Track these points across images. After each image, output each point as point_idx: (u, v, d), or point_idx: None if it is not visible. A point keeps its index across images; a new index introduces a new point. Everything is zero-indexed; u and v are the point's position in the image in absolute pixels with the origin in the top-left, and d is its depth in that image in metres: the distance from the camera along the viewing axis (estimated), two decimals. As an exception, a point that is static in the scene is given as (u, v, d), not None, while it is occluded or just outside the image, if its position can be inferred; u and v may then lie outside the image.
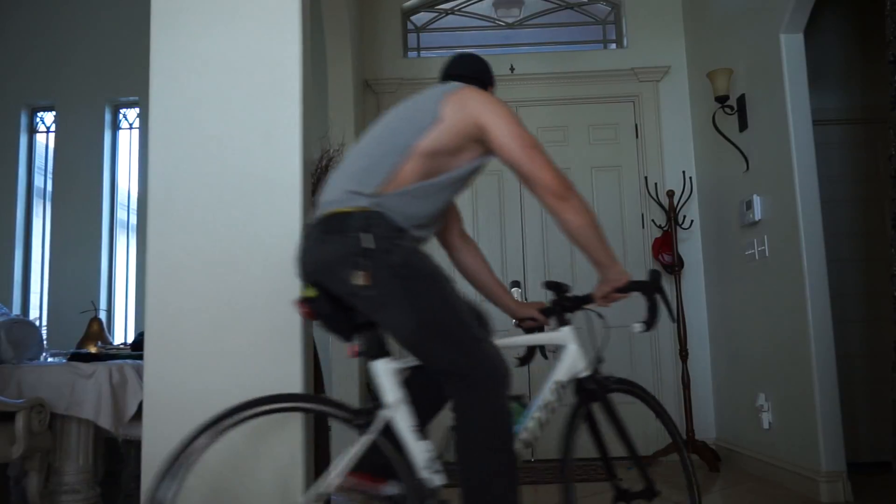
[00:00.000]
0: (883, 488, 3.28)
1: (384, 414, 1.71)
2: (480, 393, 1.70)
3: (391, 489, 1.74)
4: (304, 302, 1.74)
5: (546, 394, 1.99)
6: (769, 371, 3.62)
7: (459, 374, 1.70)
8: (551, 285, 2.17)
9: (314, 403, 1.75)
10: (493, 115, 1.81)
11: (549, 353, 2.14)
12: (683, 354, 4.22)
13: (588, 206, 1.85)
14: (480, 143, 1.84)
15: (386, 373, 1.75)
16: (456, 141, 1.81)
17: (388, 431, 1.71)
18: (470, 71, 2.14)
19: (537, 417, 1.97)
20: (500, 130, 1.80)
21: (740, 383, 3.99)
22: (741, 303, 3.94)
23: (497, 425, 1.69)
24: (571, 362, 2.03)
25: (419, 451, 1.73)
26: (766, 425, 3.63)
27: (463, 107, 1.83)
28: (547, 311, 2.15)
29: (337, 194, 1.76)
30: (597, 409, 2.11)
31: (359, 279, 1.65)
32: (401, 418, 1.73)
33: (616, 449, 2.33)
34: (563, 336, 2.06)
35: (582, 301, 2.13)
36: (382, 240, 1.67)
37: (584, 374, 2.05)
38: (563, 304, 2.13)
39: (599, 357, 2.11)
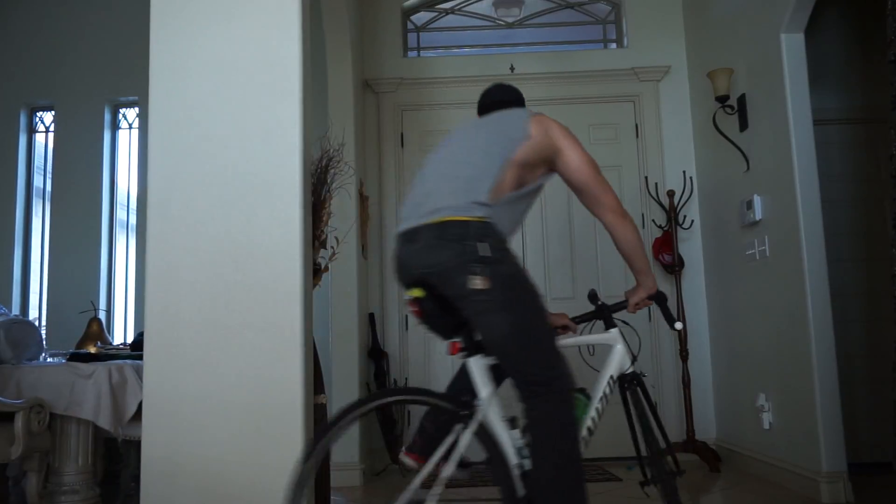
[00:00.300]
0: (883, 488, 3.28)
1: (481, 406, 1.90)
2: (559, 401, 1.89)
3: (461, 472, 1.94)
4: (415, 301, 1.96)
5: (604, 387, 2.28)
6: (769, 371, 3.62)
7: (544, 382, 1.89)
8: (592, 296, 2.47)
9: (432, 397, 1.93)
10: (568, 141, 2.14)
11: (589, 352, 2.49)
12: (683, 354, 4.22)
13: (636, 224, 2.16)
14: (549, 163, 2.13)
15: (481, 369, 1.98)
16: (537, 158, 2.08)
17: (483, 422, 1.90)
18: (515, 97, 2.40)
19: (597, 408, 2.25)
20: (575, 155, 2.13)
21: (740, 383, 3.99)
22: (741, 303, 3.94)
23: (570, 431, 1.89)
24: (620, 360, 2.31)
25: (511, 439, 1.95)
26: (766, 425, 3.63)
27: (547, 129, 2.11)
28: (587, 317, 2.44)
29: (449, 201, 1.93)
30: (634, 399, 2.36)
31: (476, 284, 1.84)
32: (493, 410, 1.95)
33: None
34: (612, 337, 2.33)
35: (619, 307, 2.40)
36: (496, 250, 1.89)
37: (629, 369, 2.32)
38: (610, 309, 2.39)
39: (634, 356, 2.38)
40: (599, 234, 4.60)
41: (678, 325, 2.38)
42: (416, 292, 1.95)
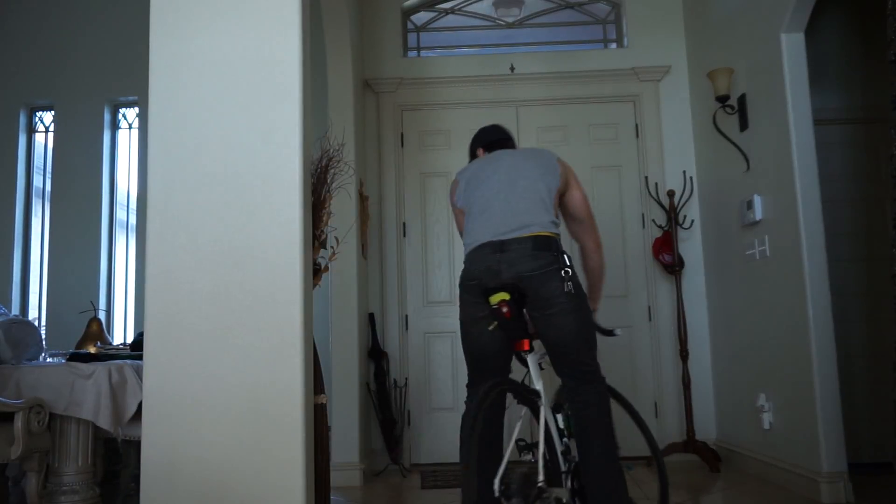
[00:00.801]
0: (884, 489, 3.27)
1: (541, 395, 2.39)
2: (604, 388, 2.40)
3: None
4: (504, 303, 2.28)
5: None
6: (769, 371, 3.62)
7: (595, 373, 2.39)
8: None
9: (520, 388, 2.39)
10: (576, 181, 2.62)
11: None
12: (683, 354, 4.21)
13: None
14: (561, 195, 2.57)
15: (535, 363, 2.45)
16: (560, 190, 2.54)
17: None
18: (510, 136, 2.81)
19: None
20: (581, 192, 2.62)
21: (740, 383, 3.99)
22: (741, 303, 3.94)
23: (610, 410, 2.40)
24: None
25: (558, 422, 2.48)
26: (766, 425, 3.63)
27: (566, 170, 2.58)
28: None
29: (535, 219, 2.39)
30: None
31: (567, 288, 2.31)
32: (545, 398, 2.40)
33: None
34: None
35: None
36: (570, 261, 2.41)
37: None
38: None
39: None
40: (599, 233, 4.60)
41: (618, 332, 2.67)
42: (504, 296, 2.28)
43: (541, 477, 2.14)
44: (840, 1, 4.14)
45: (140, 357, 2.70)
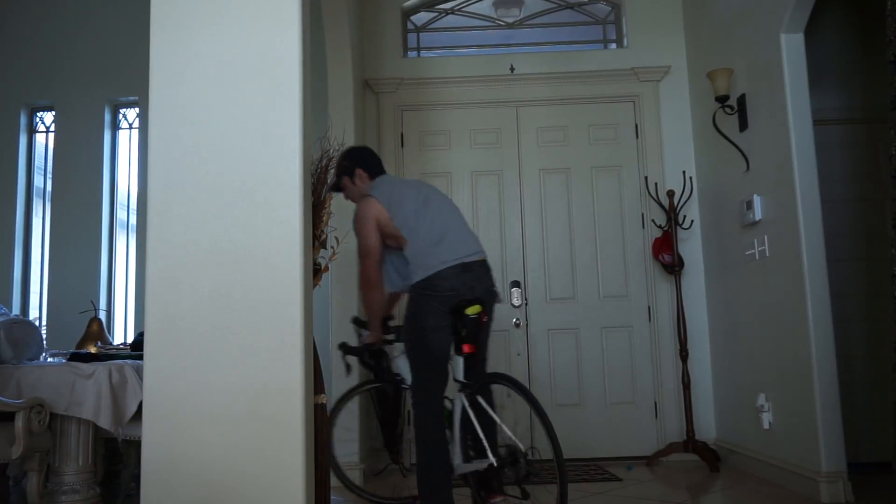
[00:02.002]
0: (883, 489, 3.28)
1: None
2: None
3: None
4: (483, 313, 2.77)
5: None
6: (769, 371, 3.62)
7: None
8: (359, 322, 3.30)
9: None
10: None
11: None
12: (683, 354, 4.22)
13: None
14: None
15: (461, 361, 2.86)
16: None
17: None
18: None
19: None
20: None
21: (740, 383, 3.99)
22: (741, 303, 3.94)
23: None
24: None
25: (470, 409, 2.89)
26: (766, 425, 3.63)
27: None
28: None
29: (479, 245, 2.87)
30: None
31: (498, 301, 2.93)
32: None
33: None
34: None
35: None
36: None
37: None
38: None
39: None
40: (599, 234, 4.61)
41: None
42: (479, 307, 2.74)
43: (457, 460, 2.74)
44: (840, 1, 4.15)
45: (140, 357, 2.71)
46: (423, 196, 2.87)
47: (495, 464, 2.63)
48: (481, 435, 2.70)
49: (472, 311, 2.71)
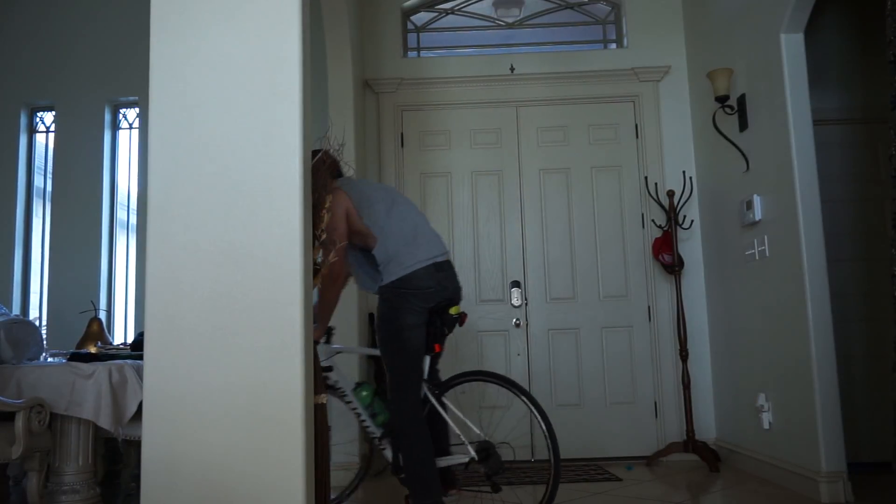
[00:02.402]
0: (883, 488, 3.28)
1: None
2: None
3: None
4: (463, 313, 2.85)
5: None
6: (769, 371, 3.62)
7: None
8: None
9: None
10: None
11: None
12: (683, 354, 4.22)
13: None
14: None
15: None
16: None
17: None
18: None
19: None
20: None
21: (740, 383, 3.99)
22: (741, 303, 3.94)
23: None
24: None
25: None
26: (766, 425, 3.63)
27: None
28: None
29: (445, 247, 2.89)
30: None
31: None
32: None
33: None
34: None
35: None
36: None
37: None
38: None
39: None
40: (599, 234, 4.61)
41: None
42: (458, 307, 2.84)
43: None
44: (839, 1, 4.15)
45: (140, 357, 2.71)
46: (391, 197, 2.92)
47: (476, 458, 2.72)
48: (458, 430, 2.82)
49: (454, 310, 2.80)
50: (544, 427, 2.72)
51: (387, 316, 2.77)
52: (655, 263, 4.51)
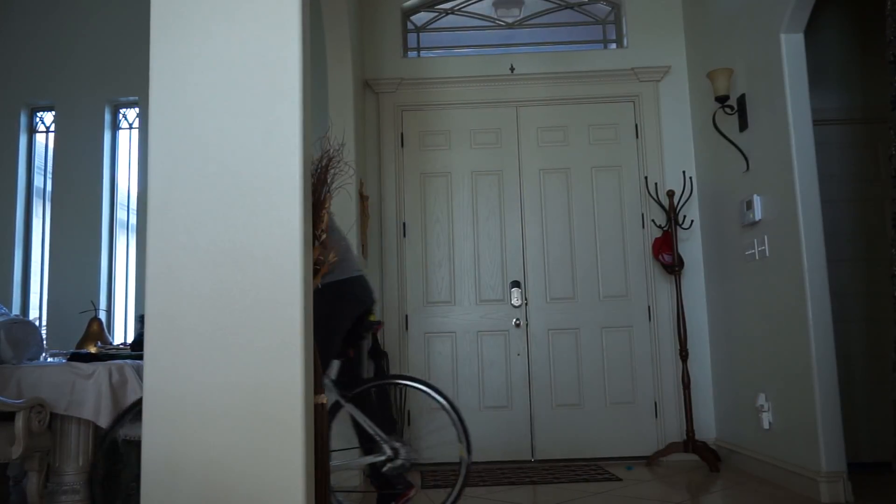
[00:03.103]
0: (883, 488, 3.28)
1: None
2: None
3: None
4: (379, 322, 3.04)
5: None
6: (769, 371, 3.62)
7: None
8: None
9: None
10: None
11: None
12: (683, 354, 4.22)
13: None
14: None
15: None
16: None
17: None
18: None
19: None
20: None
21: (740, 383, 3.99)
22: (741, 303, 3.94)
23: None
24: None
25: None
26: (766, 425, 3.63)
27: None
28: None
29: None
30: None
31: None
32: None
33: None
34: None
35: None
36: None
37: None
38: None
39: None
40: (599, 234, 4.61)
41: None
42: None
43: None
44: (839, 1, 4.15)
45: (140, 357, 2.71)
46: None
47: (392, 455, 2.77)
48: (373, 430, 2.83)
49: (373, 317, 3.00)
50: (460, 428, 2.77)
51: (324, 316, 2.85)
52: (655, 263, 4.51)
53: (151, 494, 1.95)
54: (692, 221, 4.54)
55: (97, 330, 3.27)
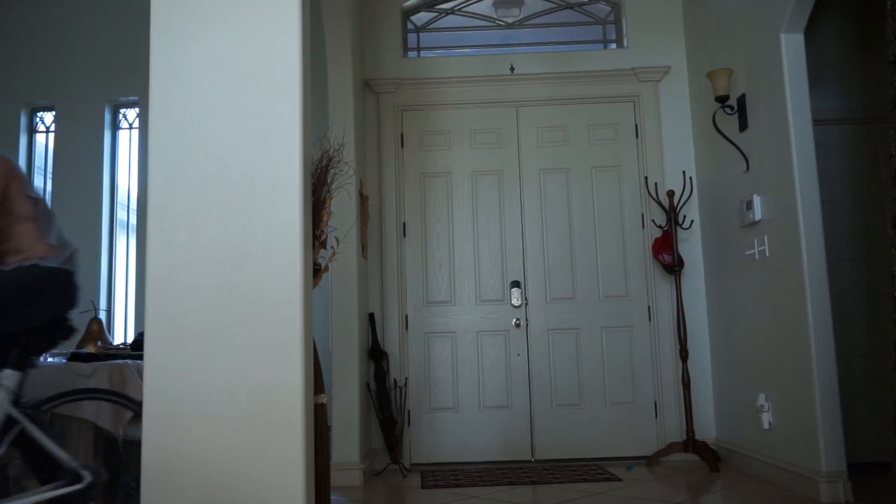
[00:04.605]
0: (883, 488, 3.28)
1: None
2: None
3: None
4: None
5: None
6: (769, 371, 3.62)
7: None
8: None
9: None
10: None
11: None
12: (683, 354, 4.22)
13: None
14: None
15: None
16: None
17: None
18: None
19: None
20: None
21: (740, 383, 3.99)
22: (741, 303, 3.94)
23: None
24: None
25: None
26: (766, 425, 3.63)
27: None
28: None
29: None
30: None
31: None
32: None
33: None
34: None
35: None
36: None
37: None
38: None
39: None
40: (599, 234, 4.61)
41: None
42: None
43: None
44: (839, 1, 4.15)
45: (140, 357, 2.71)
46: None
47: (92, 479, 2.25)
48: (59, 453, 2.25)
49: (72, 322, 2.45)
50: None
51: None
52: (655, 263, 4.51)
53: (151, 494, 1.95)
54: (692, 221, 4.54)
55: (97, 330, 3.27)
